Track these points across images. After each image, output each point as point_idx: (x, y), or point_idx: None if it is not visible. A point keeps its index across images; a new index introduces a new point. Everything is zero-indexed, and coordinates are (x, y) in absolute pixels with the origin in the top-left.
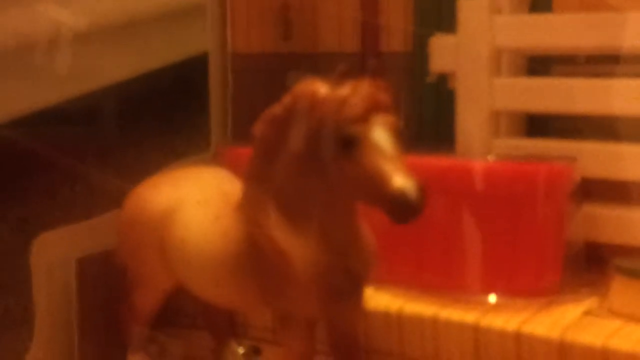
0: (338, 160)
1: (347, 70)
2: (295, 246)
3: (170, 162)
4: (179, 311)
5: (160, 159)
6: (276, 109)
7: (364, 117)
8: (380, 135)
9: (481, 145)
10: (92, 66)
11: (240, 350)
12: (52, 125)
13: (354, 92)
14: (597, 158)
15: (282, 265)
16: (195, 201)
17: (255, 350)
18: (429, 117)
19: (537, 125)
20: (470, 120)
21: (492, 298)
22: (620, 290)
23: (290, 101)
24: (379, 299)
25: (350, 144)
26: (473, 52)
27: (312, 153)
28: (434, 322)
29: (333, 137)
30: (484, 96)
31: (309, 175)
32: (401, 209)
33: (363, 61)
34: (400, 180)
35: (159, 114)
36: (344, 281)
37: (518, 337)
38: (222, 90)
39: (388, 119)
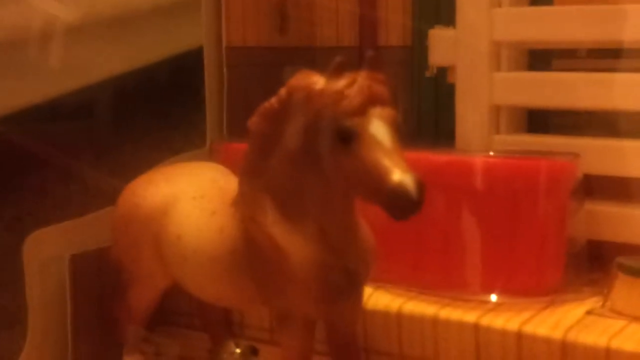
0: (335, 154)
1: (344, 63)
2: (293, 243)
3: (165, 158)
4: (175, 311)
5: (155, 154)
6: (272, 102)
7: (362, 110)
8: (379, 128)
9: (481, 141)
10: (85, 61)
11: (238, 351)
12: (45, 121)
13: (352, 85)
14: (599, 154)
15: (279, 263)
16: (190, 197)
17: (252, 351)
18: (428, 112)
19: (538, 121)
20: (470, 115)
21: (493, 297)
22: (623, 290)
23: (286, 94)
24: (378, 299)
25: (347, 138)
26: (472, 46)
27: (309, 147)
28: (434, 321)
29: (330, 131)
30: (484, 90)
31: (306, 170)
32: (400, 204)
33: (361, 55)
34: (400, 175)
35: (154, 109)
36: (342, 279)
37: (519, 337)
38: (217, 84)
39: (386, 112)
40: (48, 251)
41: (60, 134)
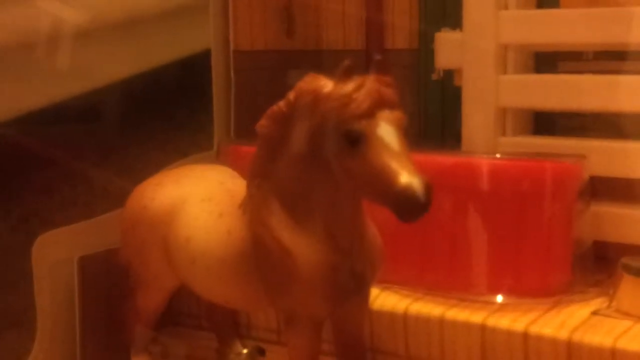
0: (343, 157)
1: (352, 66)
2: (300, 245)
3: (173, 161)
4: (183, 311)
5: (163, 157)
6: (280, 105)
7: (370, 113)
8: (387, 131)
9: (487, 143)
10: (93, 64)
11: (244, 351)
12: (54, 124)
13: (359, 88)
14: (605, 156)
15: (286, 264)
16: (198, 199)
17: (259, 351)
18: (435, 114)
19: (544, 123)
20: (476, 117)
21: (499, 298)
22: (629, 290)
23: (294, 97)
24: (384, 300)
25: (355, 141)
26: (479, 49)
27: (317, 150)
28: (441, 322)
29: (338, 134)
30: (490, 93)
31: (314, 173)
32: (408, 207)
33: (368, 58)
34: (407, 177)
35: (161, 112)
36: (349, 280)
37: (525, 338)
38: (224, 88)
39: (394, 115)
40: (56, 253)
41: (69, 137)
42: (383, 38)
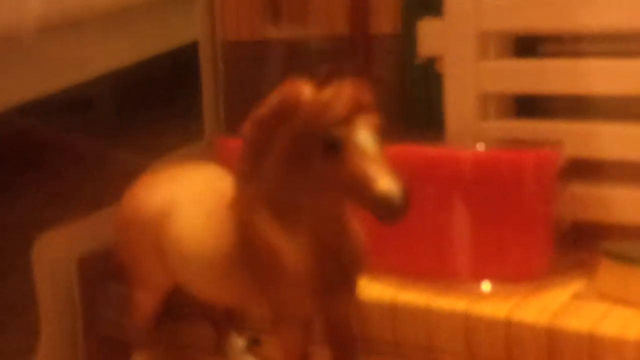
0: (323, 163)
1: (332, 71)
2: (286, 244)
3: (164, 152)
4: (181, 304)
5: (154, 149)
6: (262, 110)
7: (347, 119)
8: (364, 136)
9: (470, 128)
10: (81, 56)
11: (241, 342)
12: (44, 116)
13: (337, 94)
14: (584, 138)
15: (273, 262)
16: (189, 200)
17: (255, 341)
18: (419, 99)
19: (526, 104)
20: (459, 103)
21: (484, 285)
22: (608, 274)
23: (276, 103)
24: (372, 289)
25: (334, 147)
26: (460, 35)
27: (299, 154)
28: (427, 310)
29: (317, 140)
30: (472, 79)
31: (297, 175)
32: (386, 212)
33: (352, 43)
34: (384, 184)
35: (151, 103)
36: (335, 275)
37: (508, 324)
38: (213, 78)
39: (371, 120)
40: (57, 252)
41: (59, 129)
42: (368, 23)
